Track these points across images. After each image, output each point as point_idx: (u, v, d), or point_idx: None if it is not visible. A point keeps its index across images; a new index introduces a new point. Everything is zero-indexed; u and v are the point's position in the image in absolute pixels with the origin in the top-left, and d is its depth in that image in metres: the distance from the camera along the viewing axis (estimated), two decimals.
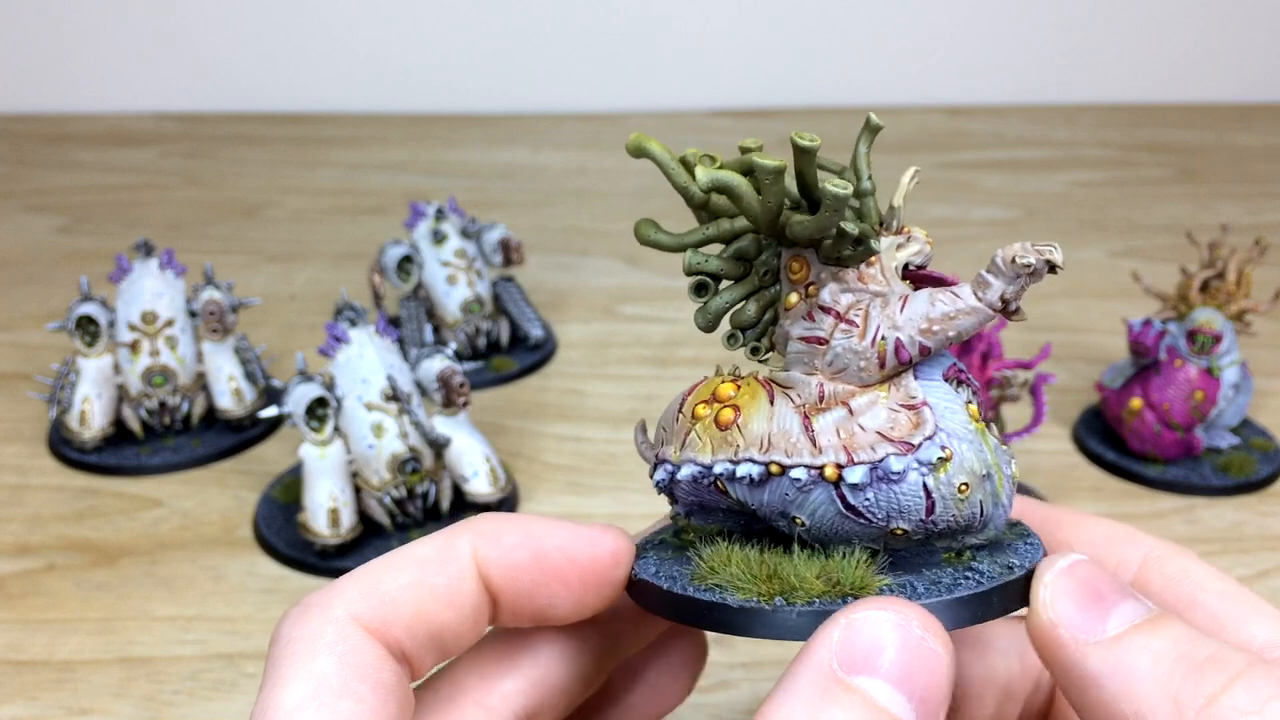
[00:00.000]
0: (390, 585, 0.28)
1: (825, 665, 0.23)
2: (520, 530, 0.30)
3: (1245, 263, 0.69)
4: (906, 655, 0.24)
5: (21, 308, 0.91)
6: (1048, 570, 0.26)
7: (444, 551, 0.29)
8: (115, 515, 0.66)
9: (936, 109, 1.43)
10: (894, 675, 0.23)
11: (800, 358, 0.29)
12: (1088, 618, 0.25)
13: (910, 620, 0.24)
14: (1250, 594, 0.28)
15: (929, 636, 0.24)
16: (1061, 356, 0.80)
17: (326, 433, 0.60)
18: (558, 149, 1.31)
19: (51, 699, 0.52)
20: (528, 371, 0.81)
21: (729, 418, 0.28)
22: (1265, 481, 0.68)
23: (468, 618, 0.29)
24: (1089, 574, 0.26)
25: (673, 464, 0.29)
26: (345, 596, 0.27)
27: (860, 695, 0.23)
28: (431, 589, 0.28)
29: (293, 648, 0.26)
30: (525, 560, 0.29)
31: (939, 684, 0.24)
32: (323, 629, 0.26)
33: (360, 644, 0.26)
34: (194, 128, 1.38)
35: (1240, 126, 1.38)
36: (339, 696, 0.25)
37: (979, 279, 0.28)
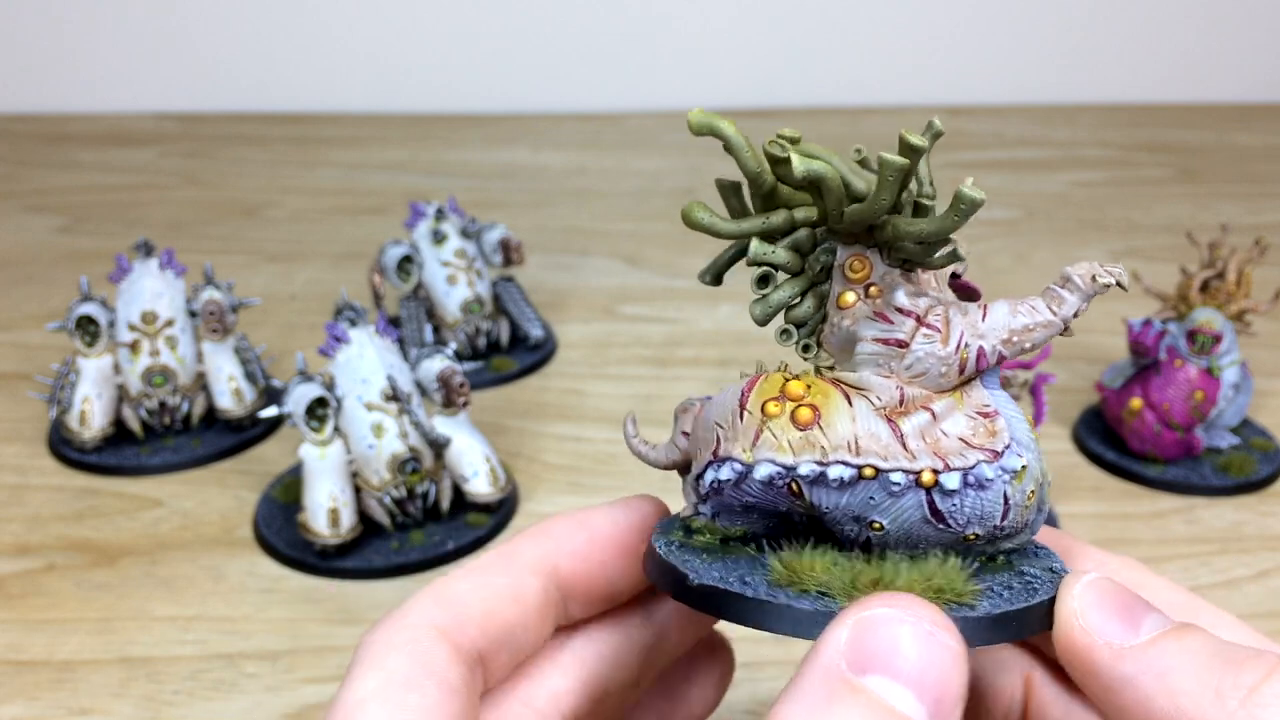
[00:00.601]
0: (458, 589, 0.29)
1: (833, 665, 0.23)
2: (570, 518, 0.32)
3: (1245, 263, 0.69)
4: (918, 653, 0.23)
5: (21, 308, 0.91)
6: (1075, 584, 0.27)
7: (504, 555, 0.31)
8: (115, 515, 0.66)
9: (936, 109, 1.43)
10: (905, 674, 0.23)
11: (875, 359, 0.28)
12: (1119, 626, 0.26)
13: (921, 617, 0.24)
14: (1208, 605, 0.29)
15: (940, 632, 0.23)
16: (1061, 356, 0.80)
17: (326, 433, 0.60)
18: (558, 149, 1.31)
19: (51, 699, 0.52)
20: (528, 371, 0.81)
21: (808, 417, 0.27)
22: (1265, 481, 0.68)
23: (533, 613, 0.30)
24: (1114, 589, 0.27)
25: (743, 463, 0.28)
26: (418, 607, 0.29)
27: (869, 695, 0.23)
28: (495, 589, 0.30)
29: (369, 651, 0.27)
30: (582, 542, 0.31)
31: (952, 683, 0.23)
32: (397, 634, 0.28)
33: (431, 645, 0.27)
34: (194, 128, 1.38)
35: (1240, 126, 1.38)
36: (406, 690, 0.26)
37: (1052, 294, 0.28)
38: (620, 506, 0.32)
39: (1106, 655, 0.25)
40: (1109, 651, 0.25)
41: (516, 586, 0.30)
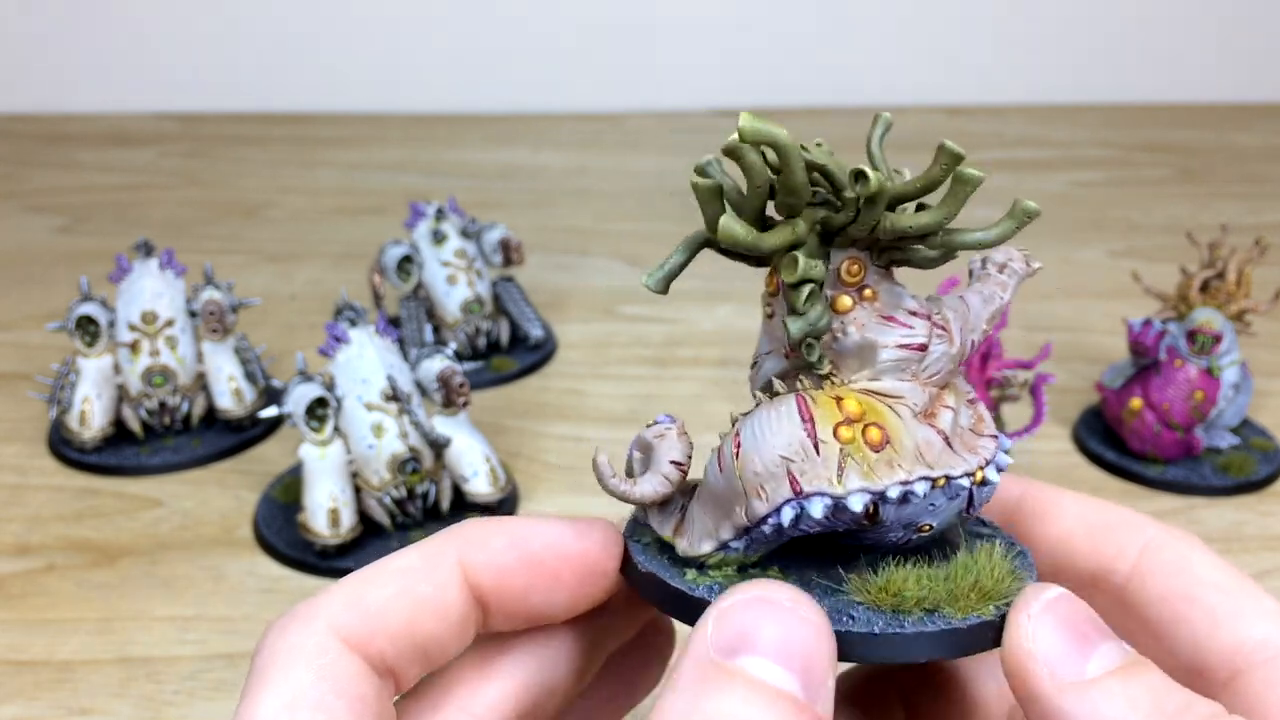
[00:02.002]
0: (374, 597, 0.28)
1: (702, 654, 0.24)
2: (506, 533, 0.29)
3: (1245, 263, 0.69)
4: (780, 628, 0.24)
5: (21, 308, 0.91)
6: (1033, 601, 0.26)
7: (429, 561, 0.29)
8: (115, 515, 0.66)
9: (936, 109, 1.43)
10: (770, 649, 0.23)
11: (899, 365, 0.28)
12: (1068, 656, 0.25)
13: (778, 595, 0.24)
14: (1249, 585, 0.28)
15: (799, 607, 0.24)
16: (1061, 356, 0.80)
17: (326, 433, 0.60)
18: (558, 149, 1.31)
19: (51, 699, 0.52)
20: (528, 371, 0.81)
21: (878, 437, 0.27)
22: (1265, 481, 0.68)
23: (454, 626, 0.28)
24: (1072, 610, 0.26)
25: (835, 496, 0.26)
26: (328, 609, 0.27)
27: (741, 675, 0.23)
28: (416, 599, 0.28)
29: (273, 659, 0.26)
30: (514, 562, 0.29)
31: (818, 651, 0.24)
32: (304, 641, 0.26)
33: (339, 658, 0.26)
34: (194, 128, 1.38)
35: (1240, 126, 1.38)
36: (314, 710, 0.25)
37: (998, 280, 0.30)
38: (564, 528, 0.30)
39: (1048, 685, 0.25)
40: (1052, 682, 0.25)
41: (438, 599, 0.28)
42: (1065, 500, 0.31)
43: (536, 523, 0.30)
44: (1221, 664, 0.27)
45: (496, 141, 1.34)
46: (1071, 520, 0.31)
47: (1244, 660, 0.26)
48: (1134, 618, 0.29)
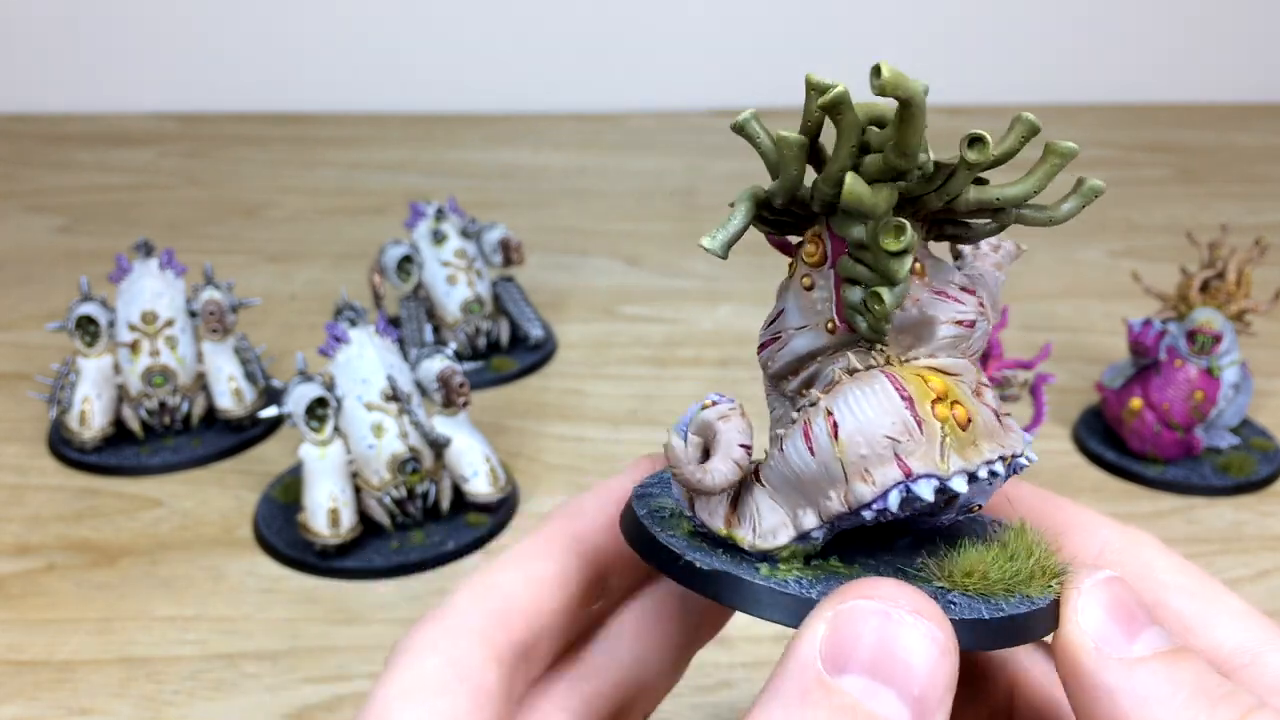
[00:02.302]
0: (501, 581, 0.28)
1: (809, 664, 0.22)
2: (594, 494, 0.31)
3: (1245, 263, 0.69)
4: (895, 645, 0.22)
5: (21, 308, 0.91)
6: (1086, 579, 0.26)
7: (544, 540, 0.29)
8: (115, 515, 0.66)
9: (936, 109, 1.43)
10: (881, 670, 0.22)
11: (954, 342, 0.27)
12: (1115, 634, 0.25)
13: (901, 607, 0.22)
14: (1216, 588, 0.28)
15: (924, 623, 0.22)
16: (1061, 356, 0.80)
17: (326, 433, 0.60)
18: (558, 149, 1.31)
19: (51, 699, 0.52)
20: (528, 371, 0.81)
21: (964, 416, 0.26)
22: (1265, 481, 0.68)
23: (577, 599, 0.29)
24: (1122, 592, 0.26)
25: (940, 477, 0.25)
26: (461, 601, 0.28)
27: (844, 697, 0.22)
28: (540, 577, 0.29)
29: (409, 648, 0.27)
30: (613, 514, 0.30)
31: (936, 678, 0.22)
32: (436, 634, 0.27)
33: (468, 647, 0.27)
34: (194, 128, 1.38)
35: (1240, 126, 1.38)
36: (437, 695, 0.25)
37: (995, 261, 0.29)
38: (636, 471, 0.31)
39: (1095, 660, 0.25)
40: (1098, 657, 0.25)
41: (561, 572, 0.29)
42: (1027, 496, 0.31)
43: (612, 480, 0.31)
44: None
45: (496, 141, 1.34)
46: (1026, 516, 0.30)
47: (1221, 667, 0.26)
48: None
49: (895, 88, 0.24)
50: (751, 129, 0.27)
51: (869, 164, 0.26)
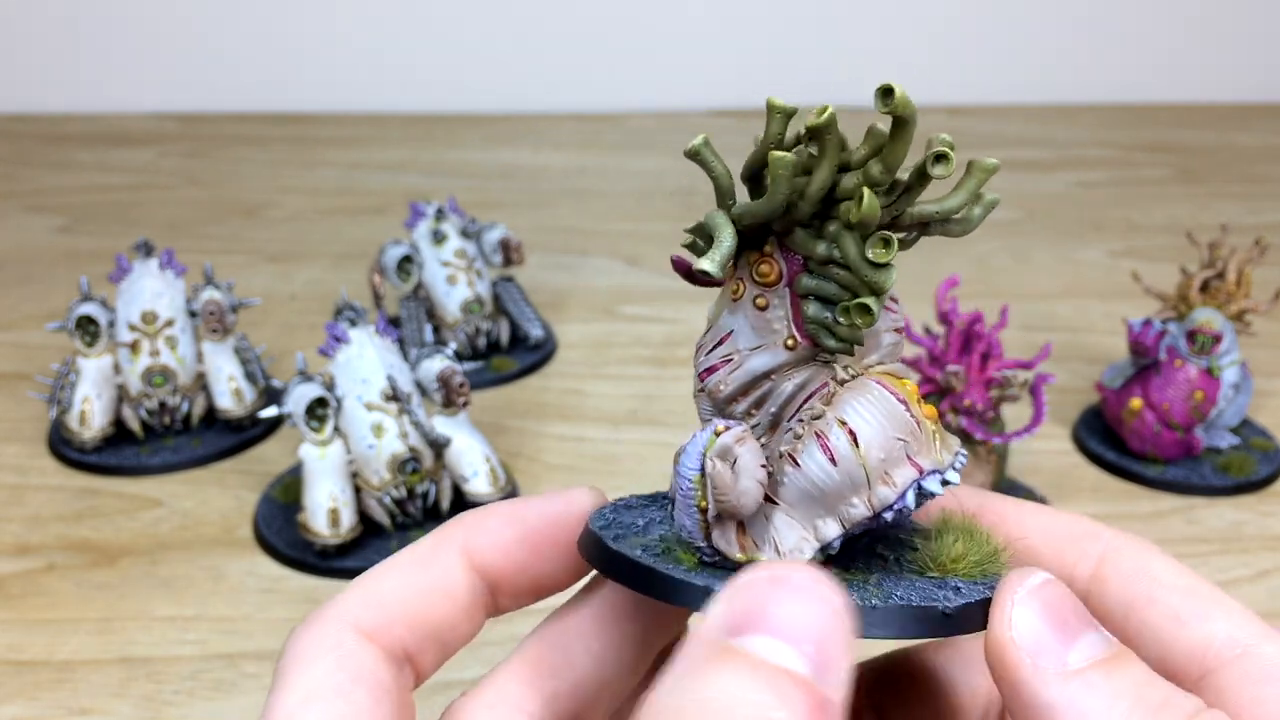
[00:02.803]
0: (385, 588, 0.29)
1: (709, 633, 0.23)
2: (501, 511, 0.31)
3: (1245, 263, 0.69)
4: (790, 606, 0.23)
5: (21, 308, 0.91)
6: (1018, 586, 0.26)
7: (434, 549, 0.30)
8: (115, 515, 0.66)
9: (936, 109, 1.43)
10: (778, 628, 0.22)
11: (894, 350, 0.29)
12: (1051, 645, 0.25)
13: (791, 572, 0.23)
14: (1209, 587, 0.28)
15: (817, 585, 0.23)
16: (1061, 356, 0.80)
17: (326, 433, 0.60)
18: (558, 149, 1.31)
19: (51, 699, 0.52)
20: (528, 371, 0.81)
21: (933, 414, 0.27)
22: (1265, 481, 0.68)
23: (464, 609, 0.29)
24: (1056, 597, 0.26)
25: (942, 470, 0.27)
26: (343, 605, 0.28)
27: (745, 656, 0.22)
28: (425, 586, 0.29)
29: (293, 659, 0.27)
30: (512, 535, 0.30)
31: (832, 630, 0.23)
32: (321, 638, 0.27)
33: (356, 648, 0.27)
34: (194, 128, 1.38)
35: (1240, 126, 1.38)
36: (334, 698, 0.26)
37: None
38: (554, 498, 0.31)
39: (1031, 675, 0.24)
40: (1034, 672, 0.24)
41: (445, 581, 0.29)
42: (1025, 511, 0.31)
43: (529, 499, 0.31)
44: (1190, 664, 0.27)
45: (496, 141, 1.34)
46: (1031, 531, 0.31)
47: (1213, 659, 0.27)
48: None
49: (905, 108, 0.25)
50: (704, 156, 0.27)
51: (846, 181, 0.27)
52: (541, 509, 0.31)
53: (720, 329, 0.29)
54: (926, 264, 0.98)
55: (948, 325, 0.60)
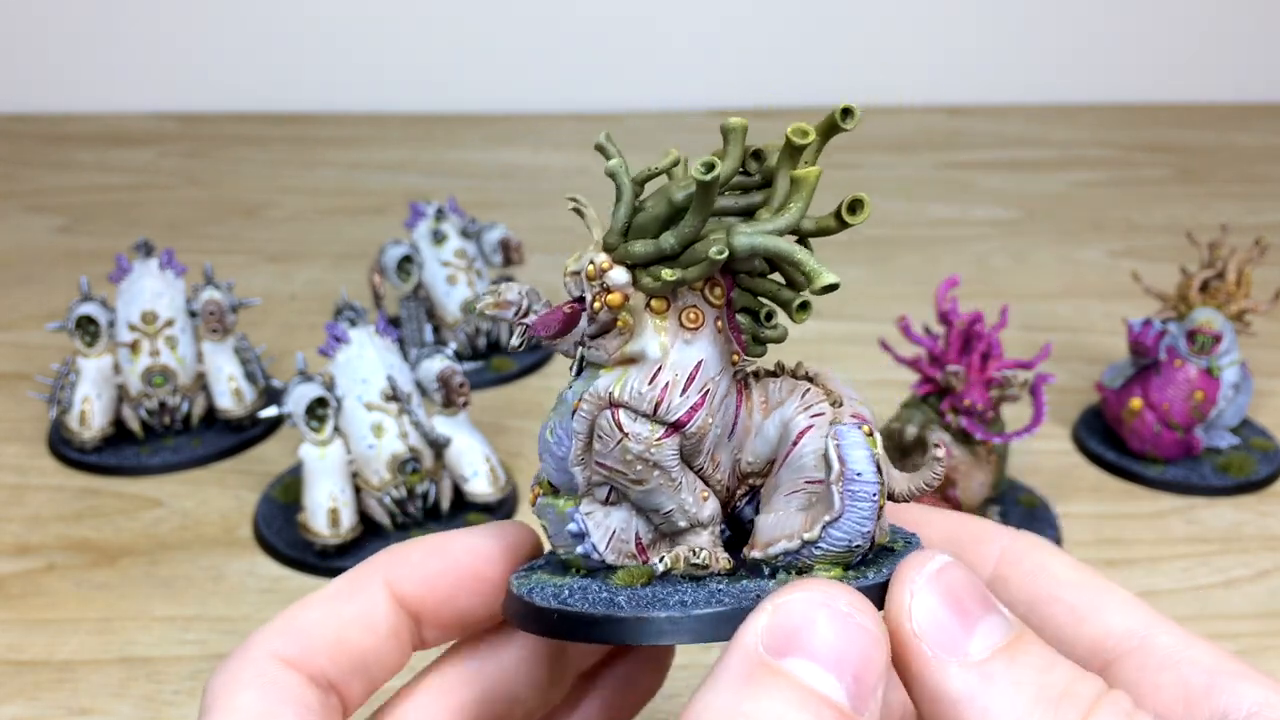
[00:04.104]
0: (305, 620, 0.29)
1: (752, 650, 0.23)
2: (425, 545, 0.31)
3: (1245, 263, 0.69)
4: (834, 633, 0.23)
5: (21, 308, 0.91)
6: (916, 573, 0.25)
7: (354, 582, 0.30)
8: (115, 515, 0.66)
9: (936, 109, 1.43)
10: (822, 654, 0.23)
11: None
12: (951, 634, 0.25)
13: (837, 598, 0.24)
14: (1105, 582, 0.29)
15: (856, 613, 0.23)
16: (1061, 356, 0.80)
17: (326, 433, 0.60)
18: (558, 149, 1.31)
19: (51, 699, 0.52)
20: (528, 371, 0.81)
21: None
22: (1265, 481, 0.68)
23: (386, 639, 0.30)
24: (956, 582, 0.25)
25: None
26: (262, 639, 0.28)
27: (788, 678, 0.22)
28: (346, 616, 0.29)
29: (219, 690, 0.27)
30: (436, 570, 0.30)
31: (871, 661, 0.23)
32: (243, 670, 0.27)
33: (279, 675, 0.27)
34: (194, 128, 1.38)
35: (1240, 126, 1.38)
36: None
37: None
38: (482, 533, 0.31)
39: (933, 667, 0.24)
40: (936, 664, 0.24)
41: (366, 614, 0.29)
42: (929, 515, 0.32)
43: (455, 532, 0.31)
44: (1092, 657, 0.27)
45: (496, 141, 1.34)
46: (932, 534, 0.31)
47: (1112, 650, 0.27)
48: None
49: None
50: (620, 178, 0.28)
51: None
52: (466, 542, 0.31)
53: (681, 364, 0.28)
54: (927, 264, 0.98)
55: (948, 325, 0.60)
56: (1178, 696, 0.25)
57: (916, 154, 1.27)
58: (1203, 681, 0.25)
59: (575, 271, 0.29)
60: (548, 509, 0.29)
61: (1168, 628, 0.27)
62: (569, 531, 0.29)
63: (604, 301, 0.28)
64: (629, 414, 0.27)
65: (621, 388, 0.27)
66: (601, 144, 0.29)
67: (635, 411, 0.27)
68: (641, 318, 0.28)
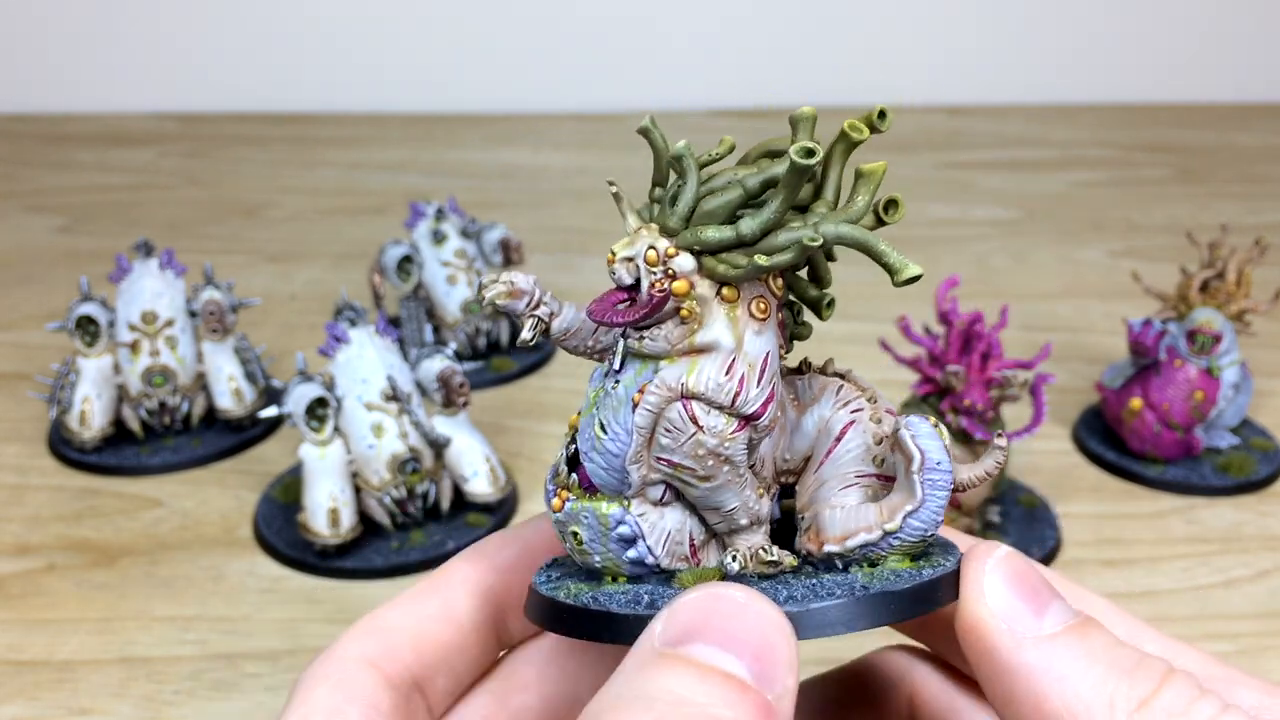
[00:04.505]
0: (388, 620, 0.29)
1: (647, 647, 0.23)
2: (503, 536, 0.31)
3: (1245, 263, 0.69)
4: (730, 619, 0.23)
5: (21, 308, 0.91)
6: (988, 558, 0.26)
7: (437, 578, 0.30)
8: (115, 515, 0.66)
9: (936, 109, 1.43)
10: (718, 638, 0.23)
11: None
12: (1025, 612, 0.25)
13: (730, 590, 0.24)
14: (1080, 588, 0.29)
15: (754, 601, 0.24)
16: (1061, 356, 0.80)
17: (326, 433, 0.60)
18: (558, 149, 1.31)
19: (51, 699, 0.52)
20: (528, 371, 0.81)
21: None
22: (1265, 481, 0.68)
23: (470, 635, 0.30)
24: (1025, 568, 0.26)
25: None
26: (349, 638, 0.29)
27: (685, 660, 0.23)
28: (427, 613, 0.29)
29: (300, 688, 0.27)
30: (514, 558, 0.30)
31: (772, 644, 0.23)
32: (327, 667, 0.28)
33: (356, 674, 0.28)
34: (194, 128, 1.38)
35: (1240, 126, 1.38)
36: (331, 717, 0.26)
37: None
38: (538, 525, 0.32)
39: (1008, 640, 0.25)
40: (1010, 638, 0.25)
41: (449, 609, 0.30)
42: None
43: (532, 520, 0.31)
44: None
45: (496, 141, 1.34)
46: None
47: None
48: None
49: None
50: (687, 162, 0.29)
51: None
52: (540, 526, 0.31)
53: (755, 355, 0.27)
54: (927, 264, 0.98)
55: (948, 325, 0.60)
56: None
57: (916, 154, 1.27)
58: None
59: (629, 257, 0.27)
60: (584, 513, 0.27)
61: (1152, 635, 0.28)
62: (616, 536, 0.27)
63: (666, 288, 0.26)
64: (704, 406, 0.26)
65: (696, 379, 0.26)
66: (648, 127, 0.28)
67: (711, 404, 0.26)
68: (711, 306, 0.26)
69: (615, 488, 0.27)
